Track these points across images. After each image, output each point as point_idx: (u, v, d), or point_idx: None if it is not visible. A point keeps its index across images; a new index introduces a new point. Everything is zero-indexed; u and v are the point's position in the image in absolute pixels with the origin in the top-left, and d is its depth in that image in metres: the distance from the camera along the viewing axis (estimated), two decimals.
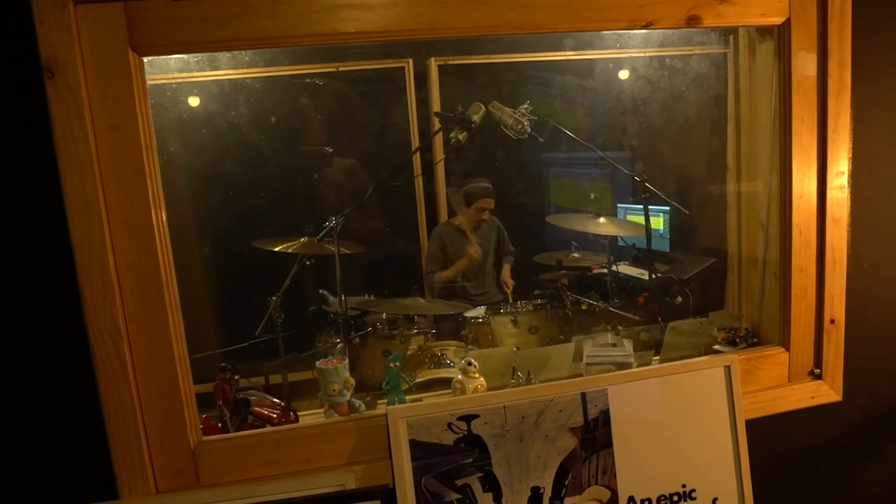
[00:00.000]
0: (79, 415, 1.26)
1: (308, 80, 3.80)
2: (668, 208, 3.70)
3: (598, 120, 3.96)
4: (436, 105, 3.96)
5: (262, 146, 3.72)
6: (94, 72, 1.18)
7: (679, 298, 3.48)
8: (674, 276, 3.54)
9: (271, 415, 1.46)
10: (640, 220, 3.53)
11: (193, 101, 3.60)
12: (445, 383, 2.56)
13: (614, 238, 3.55)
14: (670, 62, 3.13)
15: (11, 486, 1.26)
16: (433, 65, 3.96)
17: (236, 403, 1.46)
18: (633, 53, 3.36)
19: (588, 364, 1.60)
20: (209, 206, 3.69)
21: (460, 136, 2.95)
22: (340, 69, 3.92)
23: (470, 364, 1.53)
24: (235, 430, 1.43)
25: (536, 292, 3.22)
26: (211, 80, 3.60)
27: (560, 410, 1.44)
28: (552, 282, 3.38)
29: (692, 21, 1.41)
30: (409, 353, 3.06)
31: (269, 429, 1.39)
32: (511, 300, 3.20)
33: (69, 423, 1.27)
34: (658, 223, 3.85)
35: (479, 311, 3.14)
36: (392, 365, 1.51)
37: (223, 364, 1.49)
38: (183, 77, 3.53)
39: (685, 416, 1.51)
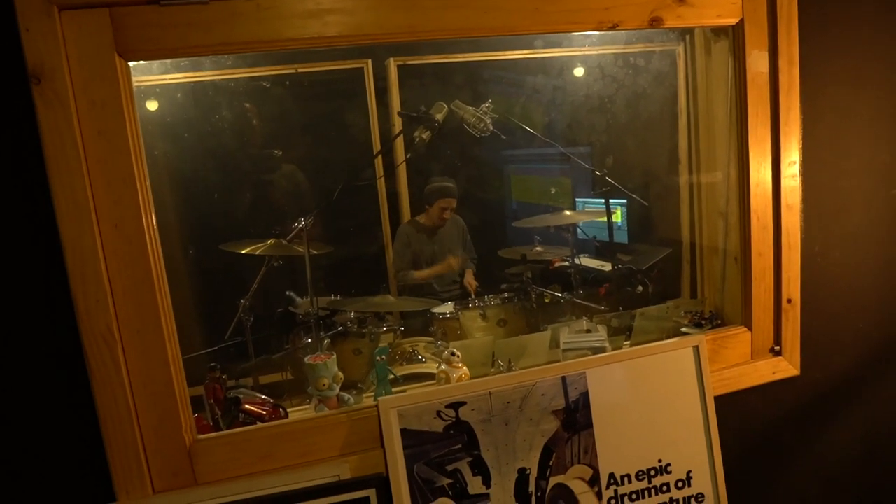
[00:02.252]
0: (74, 419, 1.26)
1: (259, 84, 3.79)
2: (625, 201, 3.83)
3: (558, 117, 4.06)
4: (396, 105, 4.00)
5: (221, 149, 3.70)
6: (80, 78, 1.18)
7: (640, 287, 3.62)
8: (633, 267, 3.67)
9: (262, 412, 1.49)
10: (600, 214, 3.65)
11: (151, 105, 3.55)
12: (419, 378, 2.61)
13: (576, 231, 3.66)
14: (632, 60, 3.24)
15: (10, 491, 1.26)
16: (392, 65, 3.99)
17: (227, 402, 1.48)
18: (593, 51, 3.47)
19: (565, 350, 1.68)
20: (174, 210, 3.65)
21: (424, 136, 3.00)
22: (299, 70, 3.91)
23: (454, 354, 1.59)
24: (227, 428, 1.45)
25: (504, 286, 3.30)
26: (169, 83, 3.56)
27: (542, 394, 1.51)
28: (517, 275, 3.47)
29: (655, 22, 1.50)
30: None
31: (263, 425, 1.42)
32: (470, 297, 3.27)
33: (65, 427, 1.27)
34: (617, 216, 3.98)
35: (448, 307, 3.20)
36: (379, 358, 1.55)
37: (212, 364, 1.51)
38: (141, 81, 3.48)
39: (659, 395, 1.60)
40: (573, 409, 1.53)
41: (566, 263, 3.79)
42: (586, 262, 3.81)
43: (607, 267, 3.87)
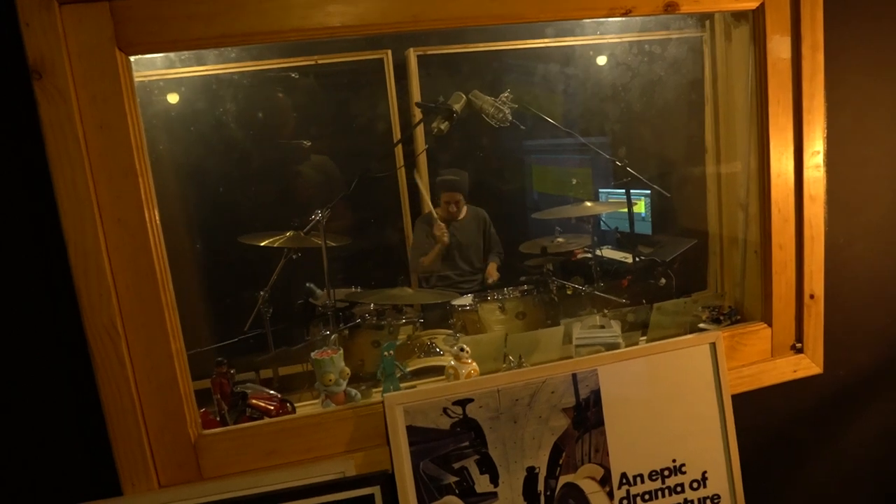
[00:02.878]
0: (80, 413, 1.27)
1: (285, 74, 3.79)
2: (649, 192, 3.76)
3: (578, 106, 4.00)
4: (416, 95, 3.97)
5: (242, 141, 3.72)
6: (81, 72, 1.18)
7: (663, 280, 3.55)
8: (657, 259, 3.60)
9: (269, 407, 1.48)
10: (623, 204, 3.58)
11: (172, 98, 3.58)
12: (436, 371, 2.59)
13: (597, 223, 3.60)
14: (649, 48, 3.17)
15: (16, 486, 1.28)
16: (412, 55, 3.96)
17: (234, 397, 1.48)
18: (612, 39, 3.40)
19: (577, 346, 1.64)
20: (193, 203, 3.68)
21: (442, 126, 2.96)
22: (319, 62, 3.91)
23: (462, 350, 1.56)
24: (234, 423, 1.45)
25: (523, 278, 3.26)
26: (189, 77, 3.58)
27: (552, 392, 1.48)
28: (537, 268, 3.42)
29: (670, 8, 1.44)
30: (398, 343, 3.09)
31: (268, 420, 1.41)
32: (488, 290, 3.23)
33: (71, 421, 1.28)
34: (640, 207, 3.90)
35: (467, 300, 3.17)
36: (386, 353, 1.54)
37: (219, 358, 1.50)
38: (161, 74, 3.51)
39: (673, 393, 1.55)
40: (584, 406, 1.50)
41: (588, 255, 3.73)
42: (608, 253, 3.75)
43: (630, 259, 3.81)
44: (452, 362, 1.57)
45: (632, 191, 3.91)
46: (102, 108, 1.20)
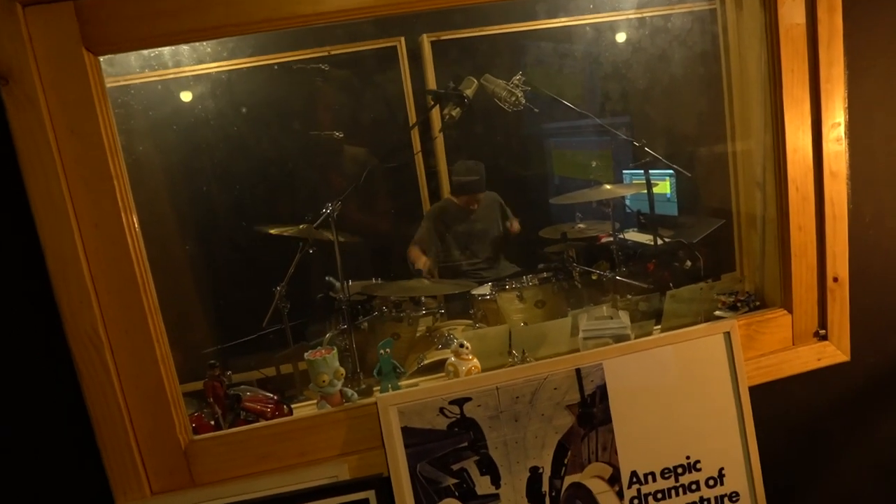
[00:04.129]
0: (67, 423, 1.26)
1: (314, 66, 3.75)
2: (672, 171, 3.62)
3: (594, 86, 3.87)
4: (431, 82, 3.90)
5: (255, 136, 3.70)
6: (49, 76, 1.15)
7: (688, 263, 3.43)
8: (682, 240, 3.47)
9: (264, 409, 1.45)
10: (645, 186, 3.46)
11: (186, 96, 3.59)
12: None
13: (620, 206, 3.49)
14: (662, 23, 3.04)
15: (6, 499, 1.27)
16: (426, 41, 3.89)
17: (228, 400, 1.45)
18: (626, 16, 3.27)
19: (584, 338, 1.56)
20: (211, 201, 3.69)
21: (454, 113, 2.89)
22: (332, 53, 3.87)
23: (462, 346, 1.51)
24: (228, 426, 1.42)
25: (541, 266, 3.18)
26: (201, 74, 3.58)
27: (555, 388, 1.41)
28: (557, 254, 3.33)
29: None
30: (417, 334, 3.05)
31: (261, 423, 1.38)
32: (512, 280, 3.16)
33: (58, 430, 1.27)
34: (665, 187, 3.77)
35: (486, 289, 3.11)
36: (382, 352, 1.49)
37: (211, 361, 1.48)
38: (175, 73, 3.51)
39: (686, 386, 1.47)
40: (589, 402, 1.43)
41: (611, 239, 3.63)
42: (632, 236, 3.64)
43: (655, 242, 3.69)
44: (452, 359, 1.52)
45: (656, 171, 3.78)
46: (73, 112, 1.17)
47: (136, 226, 1.24)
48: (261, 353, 3.24)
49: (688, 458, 1.47)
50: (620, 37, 3.76)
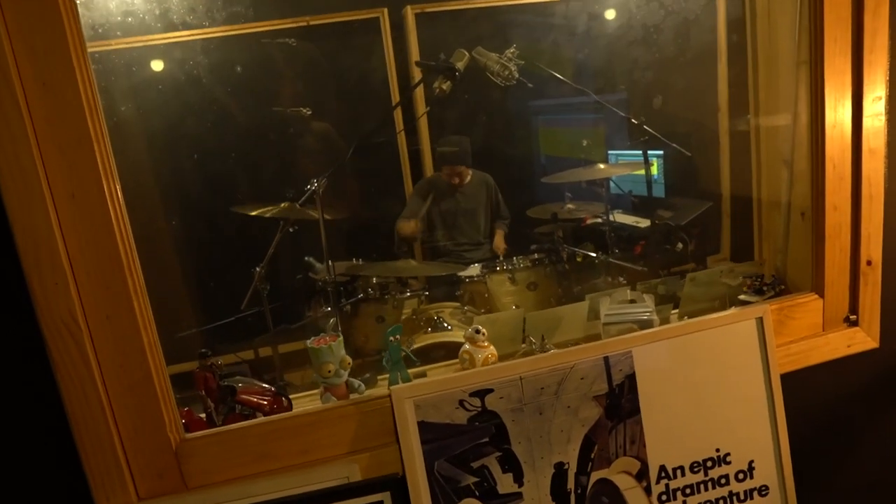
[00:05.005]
0: (41, 422, 1.10)
1: (280, 41, 3.57)
2: (661, 152, 3.54)
3: (588, 61, 3.76)
4: (415, 56, 3.74)
5: (232, 110, 3.51)
6: (14, 17, 0.98)
7: (679, 245, 3.37)
8: (671, 223, 3.42)
9: (261, 402, 1.31)
10: (635, 167, 3.38)
11: (157, 66, 3.37)
12: (446, 348, 2.43)
13: (608, 186, 3.40)
14: None
15: None
16: (409, 13, 3.72)
17: (221, 392, 1.31)
18: None
19: (606, 324, 1.46)
20: (183, 176, 3.49)
21: (444, 86, 2.75)
22: (311, 23, 3.68)
23: (478, 332, 1.38)
24: (222, 422, 1.28)
25: (534, 247, 3.08)
26: (174, 43, 3.37)
27: (582, 378, 1.30)
28: (547, 235, 3.24)
29: None
30: (403, 317, 2.94)
31: (259, 419, 1.24)
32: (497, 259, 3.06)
33: (31, 431, 1.11)
34: (653, 168, 3.70)
35: (475, 270, 3.01)
36: (392, 338, 1.36)
37: (203, 350, 1.33)
38: (145, 40, 3.29)
39: (716, 374, 1.38)
40: (617, 393, 1.32)
41: (599, 220, 3.55)
42: (620, 218, 3.56)
43: (643, 223, 3.63)
44: (467, 346, 1.40)
45: (641, 152, 3.71)
46: (44, 62, 1.00)
47: (120, 196, 1.08)
48: (237, 337, 3.09)
49: (717, 450, 1.38)
50: (612, 12, 3.66)
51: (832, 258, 1.46)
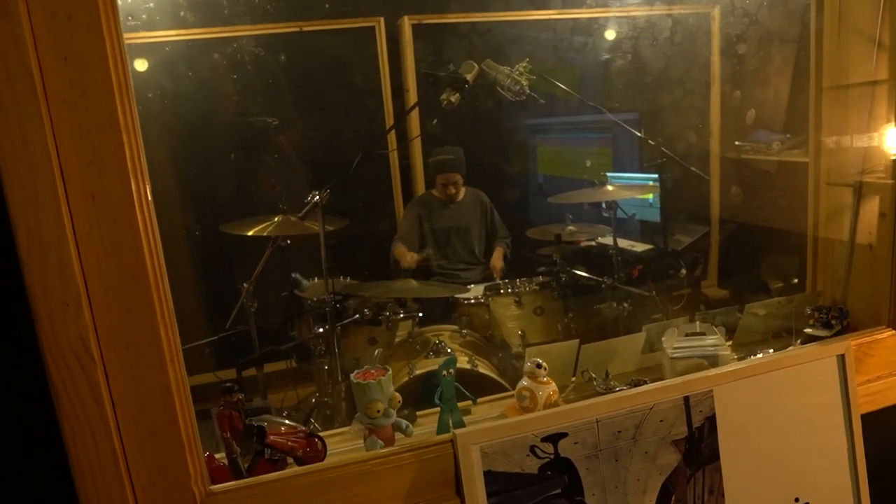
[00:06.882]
0: (41, 472, 0.90)
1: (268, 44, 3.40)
2: (657, 176, 3.48)
3: (596, 79, 3.67)
4: (410, 68, 3.61)
5: (215, 119, 3.32)
6: None
7: (683, 270, 3.30)
8: (677, 248, 3.36)
9: (294, 445, 1.12)
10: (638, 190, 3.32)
11: (140, 65, 3.15)
12: None
13: (615, 209, 3.30)
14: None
15: None
16: (406, 24, 3.60)
17: (246, 432, 1.11)
18: (622, 12, 3.09)
19: (674, 358, 1.32)
20: (167, 187, 3.27)
21: (452, 98, 2.61)
22: (304, 29, 3.53)
23: (539, 366, 1.23)
24: (248, 470, 1.08)
25: (540, 269, 2.94)
26: (163, 41, 3.17)
27: (661, 420, 1.15)
28: (547, 257, 3.12)
29: None
30: (397, 339, 2.77)
31: (297, 469, 1.05)
32: (501, 282, 2.92)
33: (27, 484, 0.90)
34: (648, 194, 3.63)
35: (476, 292, 2.86)
36: (445, 373, 1.19)
37: (227, 384, 1.13)
38: (129, 38, 3.07)
39: (795, 416, 1.25)
40: (697, 437, 1.18)
41: (592, 244, 3.46)
42: (620, 242, 3.48)
43: (639, 248, 3.56)
44: (525, 382, 1.23)
45: (639, 175, 3.64)
46: (68, 30, 0.81)
47: (150, 199, 0.90)
48: (218, 357, 2.88)
49: (797, 500, 1.25)
50: (611, 33, 3.60)
51: None
